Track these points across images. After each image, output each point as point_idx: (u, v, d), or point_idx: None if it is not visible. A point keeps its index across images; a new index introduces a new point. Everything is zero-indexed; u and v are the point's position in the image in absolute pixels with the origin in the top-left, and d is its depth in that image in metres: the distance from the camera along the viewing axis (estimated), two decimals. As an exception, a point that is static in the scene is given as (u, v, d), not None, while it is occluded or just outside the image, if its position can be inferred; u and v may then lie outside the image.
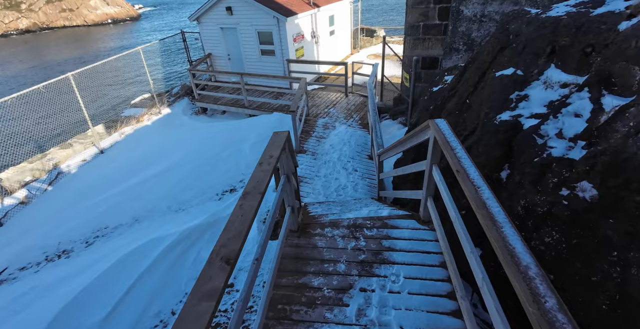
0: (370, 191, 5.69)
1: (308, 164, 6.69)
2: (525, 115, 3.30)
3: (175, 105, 11.57)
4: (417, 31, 7.57)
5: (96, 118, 10.92)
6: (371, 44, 16.35)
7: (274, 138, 2.51)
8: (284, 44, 10.21)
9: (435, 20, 7.24)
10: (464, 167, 1.94)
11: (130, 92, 13.05)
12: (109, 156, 8.69)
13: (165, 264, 5.00)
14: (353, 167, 6.39)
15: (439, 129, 2.43)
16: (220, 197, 6.56)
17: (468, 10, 5.28)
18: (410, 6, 7.40)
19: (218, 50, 11.49)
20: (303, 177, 6.24)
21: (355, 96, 9.93)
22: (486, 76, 3.74)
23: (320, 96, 10.17)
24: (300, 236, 3.00)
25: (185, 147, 8.30)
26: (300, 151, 7.17)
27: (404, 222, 3.08)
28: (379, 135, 5.16)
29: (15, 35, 36.08)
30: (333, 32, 13.16)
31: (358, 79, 11.05)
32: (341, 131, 7.81)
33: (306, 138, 7.70)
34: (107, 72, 13.00)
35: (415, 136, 3.02)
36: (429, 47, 7.60)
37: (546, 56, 3.34)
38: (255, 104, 9.94)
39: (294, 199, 2.93)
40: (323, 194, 5.72)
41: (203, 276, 1.34)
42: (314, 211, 4.00)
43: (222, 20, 10.70)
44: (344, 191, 5.75)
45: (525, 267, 1.30)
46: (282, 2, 10.49)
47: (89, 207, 6.56)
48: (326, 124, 8.30)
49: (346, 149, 7.01)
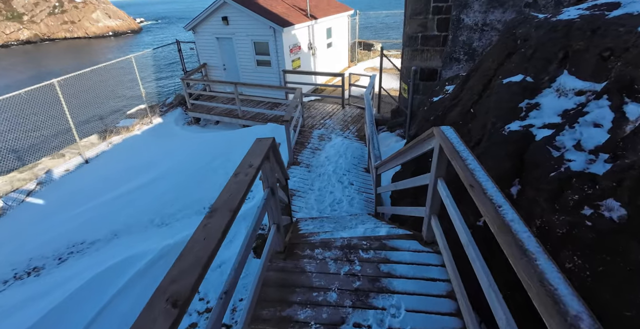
0: (367, 206, 5.34)
1: (302, 176, 6.35)
2: (537, 125, 3.01)
3: (167, 115, 11.29)
4: (415, 42, 7.41)
5: (87, 127, 10.60)
6: (369, 58, 16.35)
7: (255, 145, 2.18)
8: (280, 54, 10.05)
9: (434, 32, 7.09)
10: (479, 182, 1.61)
11: (124, 102, 12.79)
12: (93, 166, 8.30)
13: (141, 283, 4.56)
14: (349, 181, 6.06)
15: (446, 137, 2.12)
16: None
17: (469, 19, 5.11)
18: (408, 17, 7.27)
19: (213, 61, 11.33)
20: (296, 191, 5.89)
21: (352, 108, 9.71)
22: (492, 84, 3.48)
23: (317, 107, 9.95)
24: (287, 258, 2.62)
25: (173, 157, 7.95)
26: (294, 163, 6.84)
27: (404, 243, 2.72)
28: (377, 146, 4.86)
29: (15, 45, 36.27)
30: (330, 44, 13.10)
31: (355, 91, 10.88)
32: (337, 143, 7.51)
33: (300, 150, 7.39)
34: (105, 81, 12.76)
35: (417, 146, 2.71)
36: (427, 58, 7.43)
37: (558, 62, 3.08)
38: (249, 114, 9.68)
39: (280, 216, 2.58)
40: (317, 209, 5.35)
41: (137, 325, 0.98)
42: (304, 228, 3.64)
43: (218, 30, 10.58)
44: (339, 205, 5.40)
45: (574, 318, 0.96)
46: (279, 13, 10.42)
47: (66, 220, 6.13)
48: (322, 135, 8.02)
49: (342, 162, 6.69)
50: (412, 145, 2.81)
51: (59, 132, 9.03)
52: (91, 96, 11.77)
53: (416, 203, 4.30)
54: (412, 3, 7.07)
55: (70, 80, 7.91)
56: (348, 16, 14.02)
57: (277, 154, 2.64)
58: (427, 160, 4.79)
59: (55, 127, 8.89)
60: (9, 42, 36.58)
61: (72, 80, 7.83)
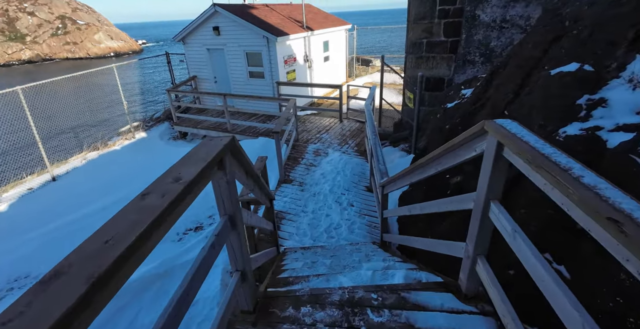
0: (370, 232, 4.43)
1: (293, 196, 5.47)
2: (607, 127, 2.20)
3: (153, 129, 10.50)
4: (419, 49, 6.78)
5: (66, 141, 9.77)
6: (367, 73, 15.90)
7: (200, 146, 1.34)
8: (273, 65, 9.44)
9: (440, 37, 6.47)
10: (629, 213, 0.77)
11: (107, 115, 12.02)
12: (61, 184, 7.38)
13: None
14: (348, 201, 5.18)
15: (512, 134, 1.29)
16: (181, 237, 5.23)
17: (486, 15, 4.45)
18: (412, 22, 6.68)
19: (204, 73, 10.70)
20: (286, 213, 4.99)
21: (351, 122, 8.98)
22: (533, 77, 2.71)
23: (313, 121, 9.22)
24: (258, 324, 1.71)
25: (149, 174, 7.03)
26: (286, 181, 5.98)
27: (434, 298, 1.82)
28: (382, 160, 4.04)
29: (17, 65, 36.42)
30: (328, 58, 12.60)
31: (354, 104, 10.21)
32: (334, 158, 6.69)
33: (293, 166, 6.55)
34: (96, 98, 12.08)
35: (451, 153, 1.88)
36: (433, 66, 6.77)
37: (628, 44, 2.32)
38: (239, 128, 8.91)
39: (247, 257, 1.69)
40: (310, 236, 4.44)
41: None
42: (290, 267, 2.72)
43: (208, 41, 10.02)
44: (337, 231, 4.49)
45: None
46: (273, 23, 9.92)
47: (12, 248, 5.15)
48: (317, 150, 7.21)
49: (340, 179, 5.84)
50: (440, 153, 1.98)
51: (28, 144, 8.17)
52: (75, 111, 11.03)
53: (430, 231, 3.42)
54: (415, 7, 6.50)
55: (61, 95, 7.16)
56: (346, 31, 13.65)
57: (246, 163, 1.79)
58: (444, 176, 3.95)
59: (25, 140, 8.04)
60: (10, 62, 36.85)
61: (63, 96, 7.07)
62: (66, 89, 9.29)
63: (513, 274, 1.95)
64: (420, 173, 2.41)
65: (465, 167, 3.43)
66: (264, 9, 10.96)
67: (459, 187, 3.35)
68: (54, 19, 40.64)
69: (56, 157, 8.36)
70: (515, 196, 2.36)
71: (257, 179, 2.29)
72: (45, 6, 40.77)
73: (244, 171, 1.88)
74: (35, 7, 40.11)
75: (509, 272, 1.95)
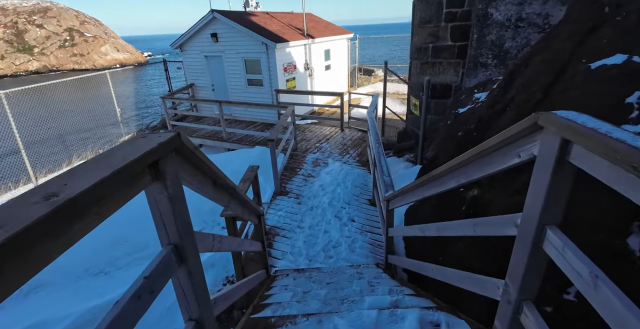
0: (373, 251, 3.94)
1: (289, 209, 5.01)
2: (670, 130, 1.76)
3: (147, 138, 10.12)
4: (425, 54, 6.44)
5: (56, 153, 9.40)
6: (369, 83, 15.64)
7: (119, 147, 0.90)
8: (272, 73, 9.13)
9: (447, 41, 6.13)
10: None
11: (101, 124, 11.68)
12: (44, 194, 6.94)
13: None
14: (349, 216, 4.70)
15: (592, 130, 0.85)
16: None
17: (499, 14, 4.09)
18: (417, 25, 6.36)
19: (202, 80, 10.42)
20: (280, 229, 4.52)
21: (353, 131, 8.58)
22: (568, 72, 2.28)
23: (312, 129, 8.83)
24: None
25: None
26: (282, 193, 5.53)
27: (461, 356, 1.34)
28: (386, 171, 3.60)
29: (24, 75, 36.90)
30: (329, 66, 12.34)
31: (356, 113, 9.84)
32: (334, 169, 6.25)
33: (290, 176, 6.11)
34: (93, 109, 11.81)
35: (480, 161, 1.43)
36: (439, 72, 6.41)
37: (689, 30, 1.91)
38: (235, 136, 8.52)
39: (201, 305, 1.23)
40: (305, 255, 3.96)
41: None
42: (276, 298, 2.24)
43: (206, 48, 9.77)
44: (336, 250, 4.00)
45: None
46: (273, 30, 9.68)
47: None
48: (316, 160, 6.78)
49: (340, 191, 5.38)
50: (465, 161, 1.54)
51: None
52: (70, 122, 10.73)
53: (440, 251, 2.94)
54: (420, 10, 6.19)
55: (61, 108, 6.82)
56: (347, 40, 13.45)
57: (209, 170, 1.35)
58: (457, 188, 3.49)
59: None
60: (18, 72, 37.38)
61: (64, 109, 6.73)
62: (63, 98, 9.00)
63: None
64: (437, 186, 1.95)
65: (481, 179, 2.98)
66: (264, 17, 10.77)
67: (476, 202, 2.89)
68: (62, 31, 41.32)
69: (47, 167, 7.98)
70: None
71: (234, 192, 1.85)
72: (54, 19, 41.50)
73: (210, 181, 1.45)
74: (44, 20, 40.83)
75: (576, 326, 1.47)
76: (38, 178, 7.62)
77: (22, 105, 7.64)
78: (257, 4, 12.74)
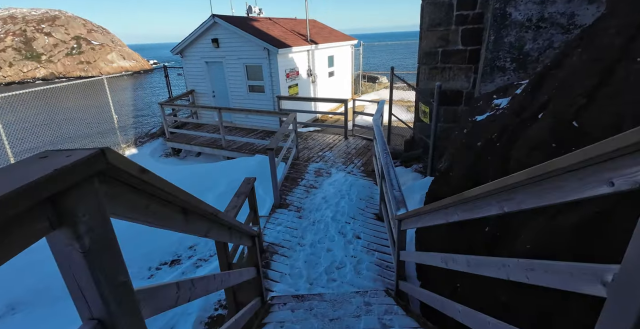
0: (382, 274, 3.54)
1: (289, 224, 4.63)
2: None
3: (145, 145, 9.85)
4: (433, 59, 6.11)
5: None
6: (373, 90, 15.36)
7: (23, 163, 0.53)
8: (274, 79, 8.85)
9: (457, 46, 5.81)
10: None
11: (100, 130, 11.43)
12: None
13: None
14: (354, 233, 4.31)
15: None
16: (153, 273, 4.36)
17: (519, 13, 3.75)
18: (425, 29, 6.05)
19: (202, 87, 10.17)
20: (279, 246, 4.14)
21: (357, 139, 8.23)
22: (618, 73, 1.92)
23: (315, 137, 8.49)
24: None
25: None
26: (282, 205, 5.16)
27: None
28: (396, 184, 3.22)
29: (31, 82, 37.36)
30: (332, 73, 12.07)
31: (360, 121, 9.50)
32: (338, 179, 5.88)
33: (291, 187, 5.75)
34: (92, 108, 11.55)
35: (542, 186, 1.05)
36: (449, 77, 6.07)
37: None
38: (235, 144, 8.19)
39: None
40: (306, 278, 3.56)
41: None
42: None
43: (207, 54, 9.53)
44: (340, 272, 3.60)
45: None
46: (275, 35, 9.44)
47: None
48: (319, 170, 6.42)
49: (344, 204, 5.00)
50: (515, 183, 1.16)
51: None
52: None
53: (460, 282, 2.54)
54: (429, 12, 5.89)
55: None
56: (352, 46, 13.21)
57: (161, 193, 0.98)
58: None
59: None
60: (25, 79, 37.88)
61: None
62: (58, 105, 8.76)
63: None
64: (467, 211, 1.57)
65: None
66: (267, 22, 10.56)
67: (497, 229, 2.49)
68: (69, 39, 41.87)
69: None
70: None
71: (216, 218, 1.48)
72: (62, 27, 42.09)
73: (176, 211, 1.08)
74: (52, 28, 41.41)
75: None
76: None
77: (14, 113, 7.38)
78: (260, 11, 12.57)
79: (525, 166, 2.26)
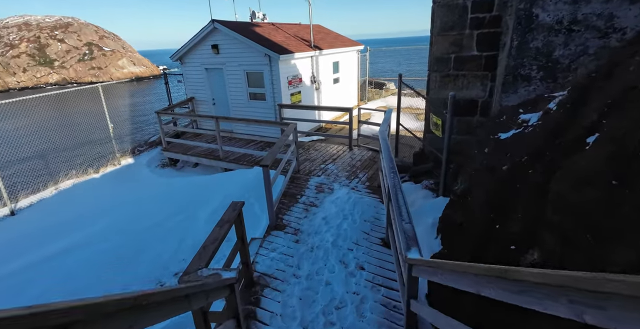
0: (388, 316, 3.02)
1: (285, 250, 4.15)
2: None
3: (142, 155, 9.51)
4: (446, 66, 5.63)
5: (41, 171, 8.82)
6: (380, 97, 14.89)
7: None
8: (276, 86, 8.45)
9: (472, 51, 5.33)
10: None
11: (96, 138, 11.14)
12: (19, 220, 6.28)
13: None
14: (357, 262, 3.81)
15: None
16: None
17: (547, 15, 3.26)
18: (436, 34, 5.58)
19: (202, 94, 9.82)
20: (271, 277, 3.65)
21: (362, 150, 7.75)
22: None
23: (318, 148, 8.03)
24: None
25: (119, 211, 5.90)
26: (277, 227, 4.68)
27: None
28: (406, 214, 2.73)
29: (44, 87, 38.06)
30: (337, 80, 11.65)
31: (366, 130, 9.03)
32: (341, 196, 5.39)
33: (289, 205, 5.28)
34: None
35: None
36: (463, 86, 5.58)
37: None
38: (233, 155, 7.78)
39: None
40: (300, 320, 3.07)
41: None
42: None
43: (207, 60, 9.19)
44: (339, 313, 3.10)
45: None
46: (277, 41, 9.06)
47: None
48: (321, 185, 5.94)
49: (347, 227, 4.50)
50: None
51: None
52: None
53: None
54: (441, 15, 5.42)
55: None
56: (358, 52, 12.80)
57: None
58: (507, 244, 2.59)
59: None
60: (39, 85, 38.63)
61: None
62: (52, 113, 8.48)
63: None
64: (516, 294, 1.07)
65: (544, 236, 2.09)
66: (269, 27, 10.21)
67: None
68: (81, 45, 42.61)
69: (29, 188, 7.35)
70: None
71: (139, 305, 1.01)
72: (74, 34, 42.85)
73: None
74: (65, 35, 42.18)
75: None
76: (18, 200, 6.97)
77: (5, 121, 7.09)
78: (264, 16, 12.26)
79: (573, 205, 1.73)
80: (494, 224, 2.69)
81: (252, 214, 5.59)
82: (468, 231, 3.02)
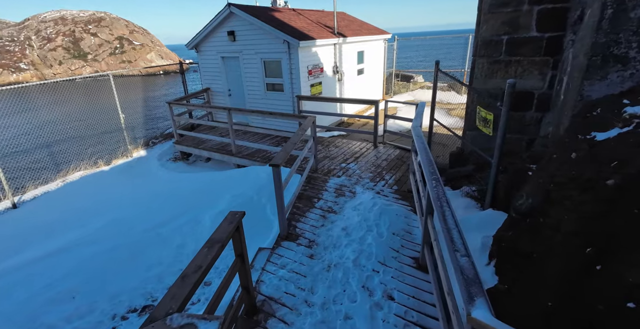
0: (427, 375, 2.27)
1: (296, 267, 3.46)
2: None
3: (155, 148, 9.10)
4: (496, 50, 4.71)
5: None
6: (407, 90, 13.87)
7: None
8: (295, 76, 7.73)
9: (531, 32, 4.38)
10: None
11: (109, 129, 10.88)
12: (20, 214, 5.94)
13: None
14: (384, 289, 3.06)
15: None
16: (117, 324, 3.34)
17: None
18: (486, 11, 4.66)
19: (217, 85, 9.26)
20: (277, 303, 2.98)
21: (388, 148, 6.93)
22: None
23: (339, 144, 7.28)
24: None
25: (118, 210, 5.41)
26: (289, 237, 4.00)
27: None
28: (460, 243, 1.95)
29: (77, 79, 39.53)
30: (362, 71, 10.78)
31: (392, 126, 8.18)
32: (364, 202, 4.63)
33: (305, 210, 4.58)
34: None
35: None
36: (516, 74, 4.65)
37: None
38: (246, 150, 7.16)
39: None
40: (310, 368, 2.36)
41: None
42: None
43: (223, 48, 8.59)
44: (362, 364, 2.37)
45: None
46: (298, 27, 8.31)
47: None
48: (341, 187, 5.20)
49: (372, 241, 3.75)
50: None
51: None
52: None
53: None
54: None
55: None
56: (385, 41, 11.84)
57: None
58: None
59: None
60: (73, 77, 40.30)
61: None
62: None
63: None
64: None
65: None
66: (289, 13, 9.47)
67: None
68: (113, 39, 43.86)
69: (45, 175, 7.08)
70: None
71: None
72: (106, 28, 44.13)
73: None
74: (98, 29, 43.50)
75: None
76: (26, 191, 6.67)
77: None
78: (286, 3, 11.54)
79: None
80: (591, 264, 1.87)
81: (263, 217, 4.95)
82: (544, 267, 2.20)
